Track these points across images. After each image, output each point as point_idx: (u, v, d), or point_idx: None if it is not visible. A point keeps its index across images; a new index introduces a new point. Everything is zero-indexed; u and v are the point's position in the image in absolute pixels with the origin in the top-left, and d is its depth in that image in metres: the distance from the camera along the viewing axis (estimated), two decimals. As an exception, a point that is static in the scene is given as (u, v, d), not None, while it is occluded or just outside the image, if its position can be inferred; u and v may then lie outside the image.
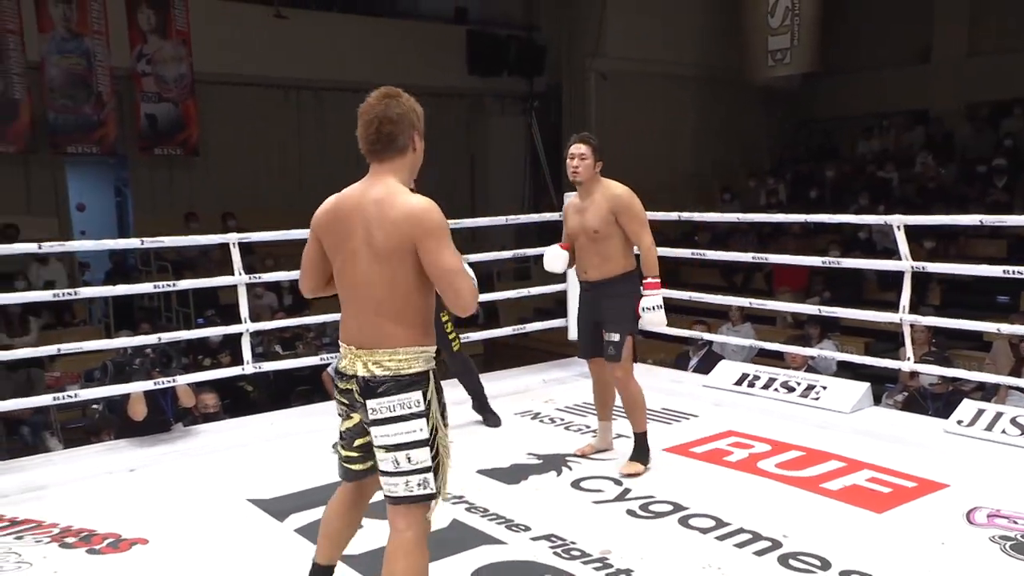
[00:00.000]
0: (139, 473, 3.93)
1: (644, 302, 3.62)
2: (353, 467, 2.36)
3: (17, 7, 10.17)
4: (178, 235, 5.34)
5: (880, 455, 3.83)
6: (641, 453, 3.75)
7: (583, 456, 3.93)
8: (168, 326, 9.78)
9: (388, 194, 2.19)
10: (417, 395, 2.18)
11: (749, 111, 14.42)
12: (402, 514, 2.23)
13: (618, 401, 3.91)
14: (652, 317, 3.62)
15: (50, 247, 4.65)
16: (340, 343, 2.30)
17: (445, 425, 2.25)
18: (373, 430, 2.20)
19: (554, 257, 3.81)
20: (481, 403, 4.58)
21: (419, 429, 2.17)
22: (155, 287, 4.98)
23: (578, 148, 3.64)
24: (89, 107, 10.80)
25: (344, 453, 2.36)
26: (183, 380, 4.56)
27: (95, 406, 6.50)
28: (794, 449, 3.96)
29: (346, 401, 2.28)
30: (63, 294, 4.63)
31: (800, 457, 3.86)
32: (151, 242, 4.70)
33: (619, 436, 4.26)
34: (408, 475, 2.18)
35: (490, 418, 4.55)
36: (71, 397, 4.53)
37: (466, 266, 2.23)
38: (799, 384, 4.82)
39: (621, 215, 3.61)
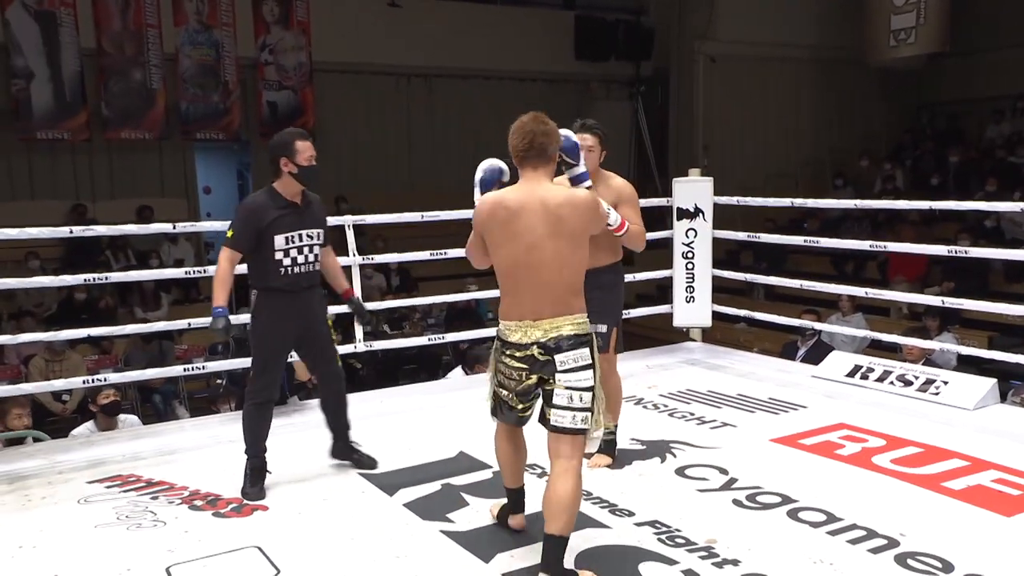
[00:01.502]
0: (260, 442, 4.10)
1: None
2: (525, 415, 2.79)
3: (156, 3, 10.75)
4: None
5: (1008, 455, 3.59)
6: (610, 445, 3.64)
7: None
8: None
9: (566, 193, 2.72)
10: (587, 351, 2.67)
11: (867, 95, 13.74)
12: (568, 443, 2.66)
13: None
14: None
15: (183, 227, 4.91)
16: (508, 320, 2.71)
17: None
18: (559, 376, 2.64)
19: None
20: (344, 439, 3.68)
21: (588, 377, 2.67)
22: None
23: (585, 139, 3.44)
24: (217, 95, 11.32)
25: (521, 406, 2.76)
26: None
27: (219, 380, 6.84)
28: (912, 445, 3.77)
29: (525, 366, 2.69)
30: (194, 272, 4.88)
31: (918, 454, 3.67)
32: (272, 224, 4.87)
33: (725, 425, 4.16)
34: (575, 411, 2.65)
35: (351, 455, 3.65)
36: (199, 369, 4.78)
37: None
38: (917, 378, 4.58)
39: (621, 205, 3.48)
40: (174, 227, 4.68)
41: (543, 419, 2.70)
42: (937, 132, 13.53)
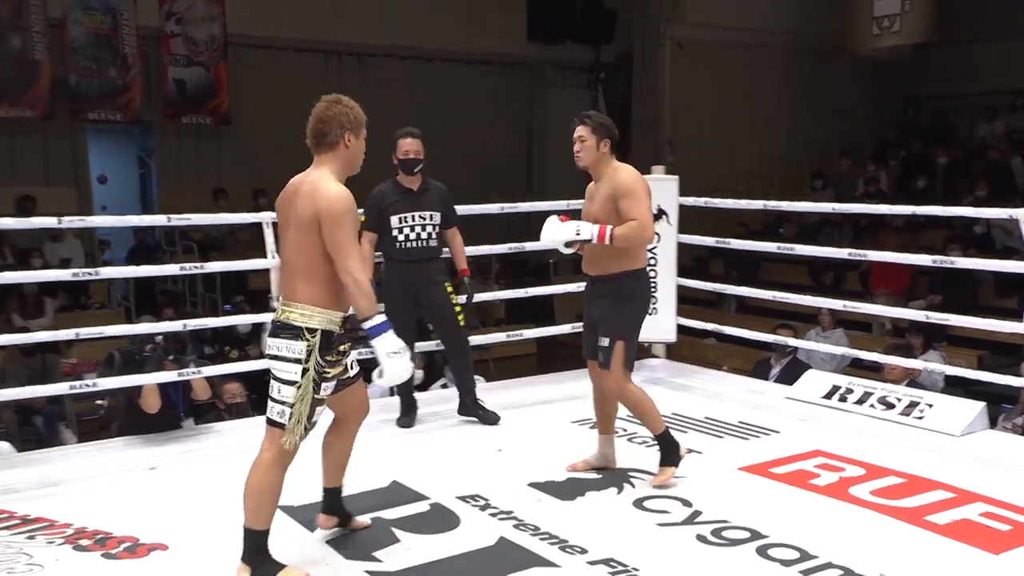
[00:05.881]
0: (159, 472, 4.03)
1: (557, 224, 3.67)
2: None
3: (39, -41, 10.48)
4: (205, 212, 5.43)
5: (997, 486, 3.71)
6: (668, 455, 3.78)
7: (574, 471, 3.89)
8: (193, 312, 9.99)
9: (311, 183, 2.99)
10: (301, 345, 2.91)
11: (849, 87, 14.10)
12: (267, 433, 2.98)
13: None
14: (552, 229, 3.67)
15: (70, 222, 4.79)
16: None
17: (319, 381, 2.94)
18: (268, 361, 2.99)
19: (550, 227, 3.72)
20: (471, 400, 4.72)
21: (293, 372, 2.91)
22: (181, 269, 5.09)
23: (578, 131, 3.71)
24: (114, 70, 11.07)
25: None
26: (208, 371, 4.65)
27: (99, 401, 6.66)
28: (893, 475, 3.87)
29: None
30: (83, 273, 4.77)
31: (900, 484, 3.77)
32: (178, 219, 4.81)
33: (689, 451, 4.21)
34: (275, 403, 2.95)
35: (486, 415, 4.68)
36: (88, 386, 4.65)
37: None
38: (900, 400, 4.71)
39: (619, 198, 3.61)
40: (59, 221, 4.55)
41: None
42: (924, 130, 13.95)
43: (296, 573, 2.94)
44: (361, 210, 4.82)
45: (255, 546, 2.90)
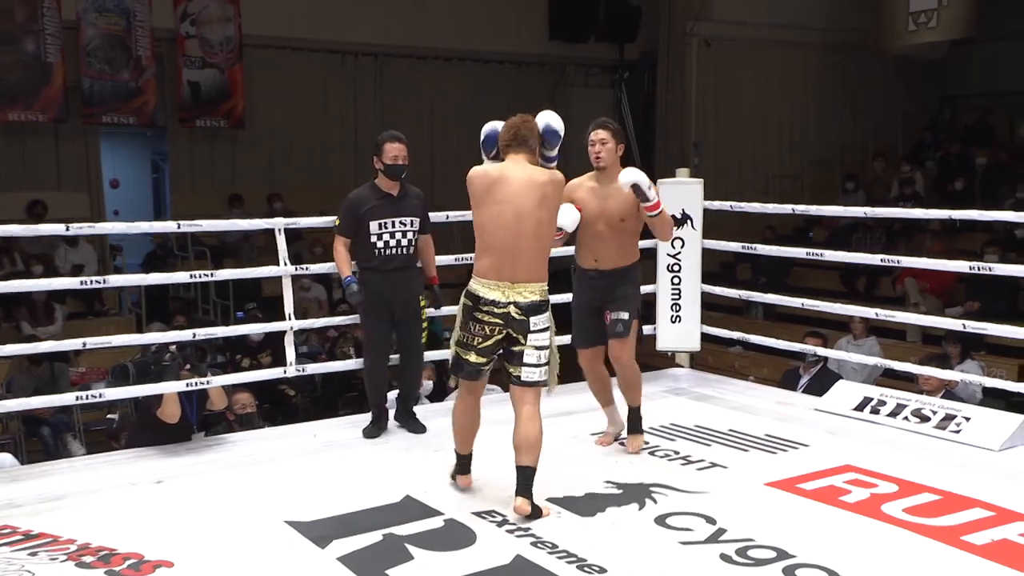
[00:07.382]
0: (166, 486, 4.03)
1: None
2: (485, 368, 3.68)
3: (55, -41, 10.59)
4: (219, 218, 5.46)
5: (1036, 504, 3.65)
6: (638, 424, 4.41)
7: (603, 445, 4.46)
8: (205, 319, 10.05)
9: (549, 173, 3.73)
10: (548, 314, 3.65)
11: (883, 86, 13.98)
12: (533, 393, 3.65)
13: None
14: (638, 172, 4.13)
15: (78, 228, 4.81)
16: (487, 279, 3.58)
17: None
18: (531, 336, 3.59)
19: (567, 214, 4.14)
20: (409, 407, 4.82)
21: (548, 336, 3.65)
22: (191, 277, 5.11)
23: (598, 134, 4.28)
24: (127, 73, 11.17)
25: (482, 360, 3.64)
26: (220, 381, 4.65)
27: (110, 415, 6.69)
28: (928, 491, 3.82)
29: (500, 322, 3.57)
30: (91, 281, 4.79)
31: (935, 502, 3.72)
32: (188, 226, 4.83)
33: (714, 466, 4.17)
34: (540, 367, 3.63)
35: (416, 425, 4.73)
36: (95, 397, 4.66)
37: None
38: (935, 413, 4.65)
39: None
40: (67, 228, 4.58)
41: (510, 376, 3.63)
42: (962, 129, 13.80)
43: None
44: (333, 218, 4.85)
45: (532, 481, 3.54)
